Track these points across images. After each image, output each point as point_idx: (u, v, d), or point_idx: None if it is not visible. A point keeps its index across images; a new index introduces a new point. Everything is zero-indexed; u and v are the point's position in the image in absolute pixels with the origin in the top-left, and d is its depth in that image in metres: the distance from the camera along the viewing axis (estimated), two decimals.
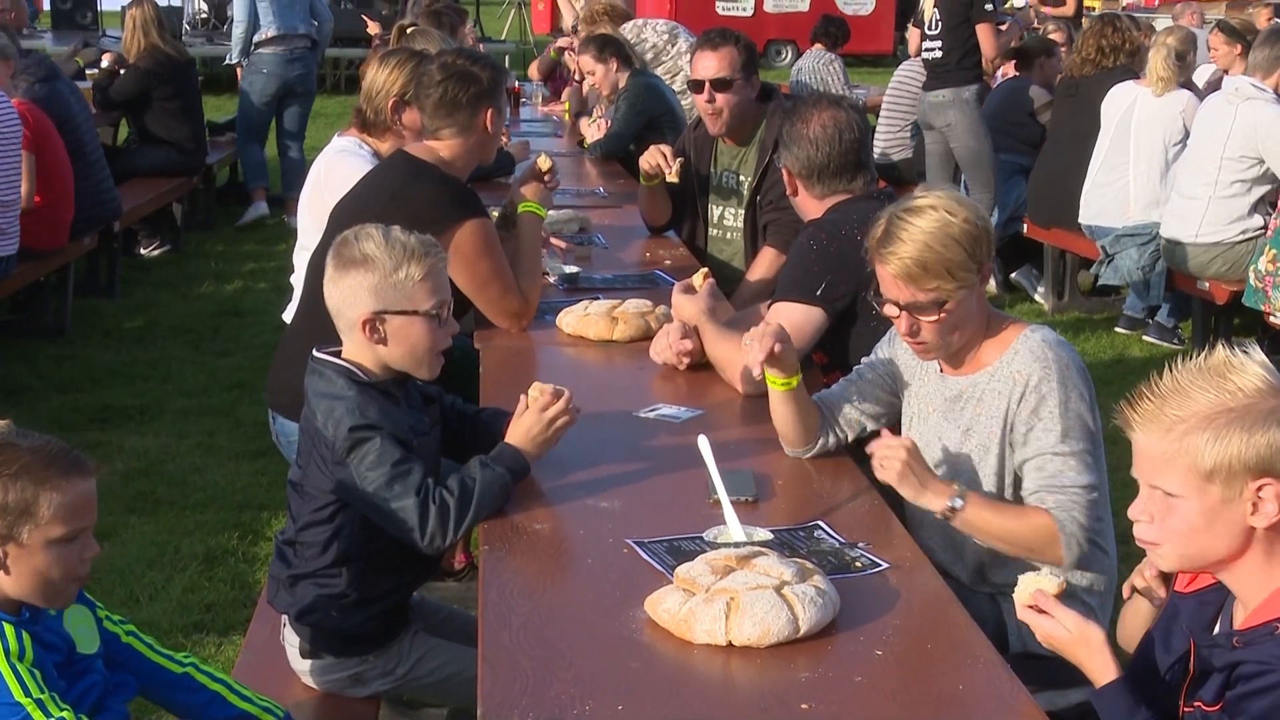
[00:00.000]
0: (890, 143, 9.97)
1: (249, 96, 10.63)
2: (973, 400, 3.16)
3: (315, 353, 3.07)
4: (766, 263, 4.90)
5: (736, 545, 2.76)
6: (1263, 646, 2.10)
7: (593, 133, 7.68)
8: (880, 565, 2.75)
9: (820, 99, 4.25)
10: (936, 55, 8.87)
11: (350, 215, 3.85)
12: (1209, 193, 6.97)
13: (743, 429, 3.57)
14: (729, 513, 2.88)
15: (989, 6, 8.85)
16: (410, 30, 6.64)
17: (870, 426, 3.41)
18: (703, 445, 3.03)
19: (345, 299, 3.02)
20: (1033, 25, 11.52)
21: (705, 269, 4.22)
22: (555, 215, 5.34)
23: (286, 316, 4.79)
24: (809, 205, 4.10)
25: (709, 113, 5.20)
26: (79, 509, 2.46)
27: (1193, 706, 2.20)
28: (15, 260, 6.80)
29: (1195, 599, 2.31)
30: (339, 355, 3.05)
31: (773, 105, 5.22)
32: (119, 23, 15.00)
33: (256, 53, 10.51)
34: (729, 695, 2.34)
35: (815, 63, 10.89)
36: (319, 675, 3.17)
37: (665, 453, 3.32)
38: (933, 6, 8.88)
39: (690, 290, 4.03)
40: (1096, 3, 19.20)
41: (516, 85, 10.29)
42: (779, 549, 2.74)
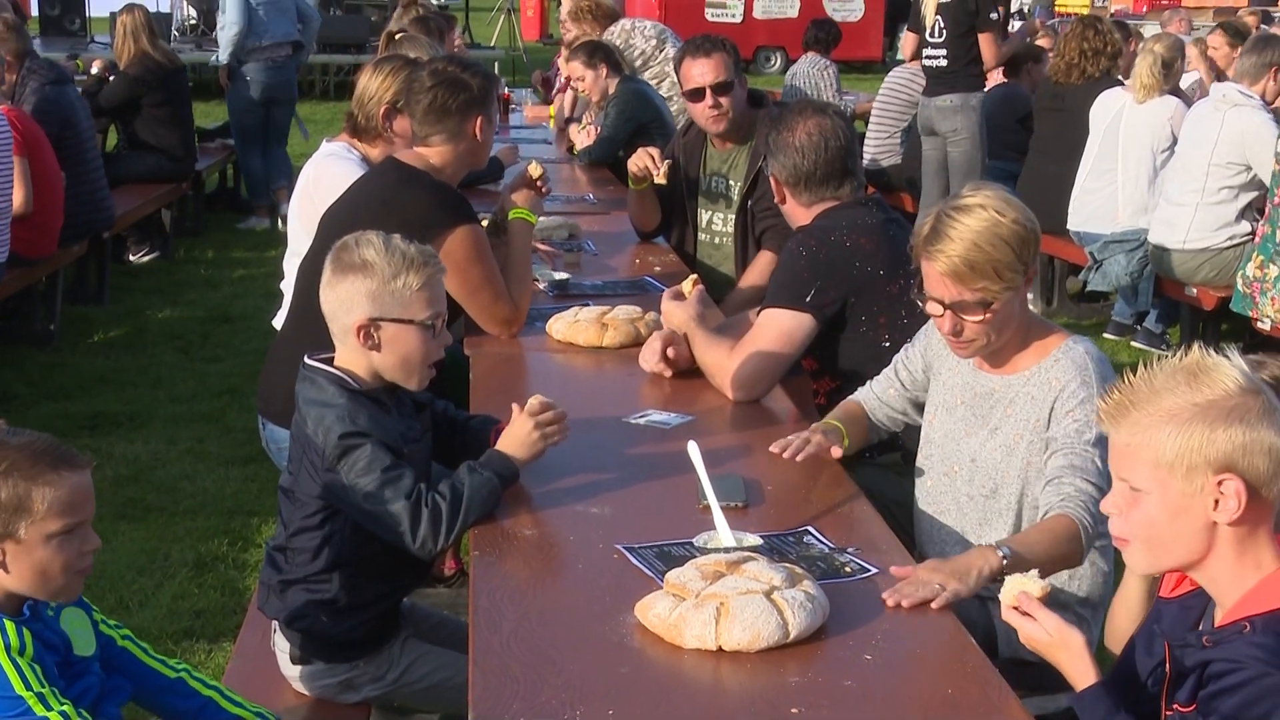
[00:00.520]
0: (880, 148, 9.97)
1: (240, 107, 10.66)
2: (1004, 401, 3.16)
3: (307, 359, 3.08)
4: (763, 266, 4.90)
5: (726, 550, 2.76)
6: (1232, 645, 2.11)
7: (582, 139, 7.68)
8: (869, 570, 2.76)
9: (806, 106, 4.25)
10: (941, 63, 8.89)
11: (341, 221, 3.85)
12: (1196, 199, 7.00)
13: (732, 435, 3.58)
14: (719, 518, 2.88)
15: (994, 15, 8.91)
16: (399, 37, 6.65)
17: (911, 421, 3.49)
18: (692, 451, 3.04)
19: (342, 303, 3.03)
20: (1038, 33, 11.51)
21: (694, 276, 4.25)
22: (545, 222, 5.35)
23: (277, 323, 4.79)
24: (797, 213, 4.11)
25: (714, 116, 5.19)
26: (74, 502, 2.47)
27: (1172, 710, 2.21)
28: (4, 268, 6.79)
29: (1178, 604, 2.33)
30: (330, 362, 3.06)
31: (763, 112, 5.23)
32: (107, 29, 15.00)
33: (244, 63, 10.52)
34: (719, 700, 2.35)
35: (810, 68, 10.90)
36: (310, 681, 3.17)
37: (655, 458, 3.32)
38: (934, 14, 8.89)
39: (679, 297, 4.05)
40: (1084, 8, 19.26)
41: (507, 92, 10.31)
42: (769, 554, 2.75)
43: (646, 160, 5.28)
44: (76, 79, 10.30)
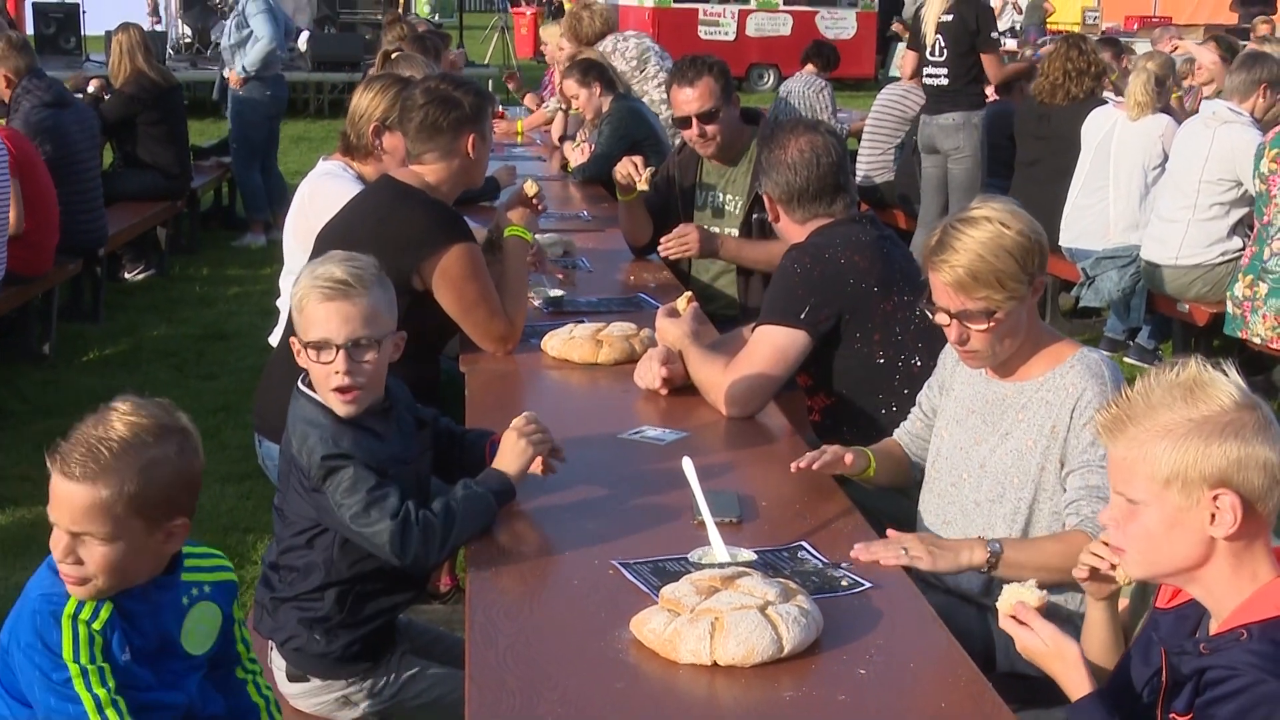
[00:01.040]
0: (873, 165, 10.00)
1: (251, 120, 10.70)
2: (1016, 407, 3.19)
3: (299, 385, 3.09)
4: None
5: (721, 566, 2.78)
6: (1229, 652, 2.12)
7: (576, 157, 7.71)
8: (863, 585, 2.77)
9: (797, 124, 4.29)
10: (942, 81, 8.92)
11: (336, 239, 3.87)
12: (1188, 215, 7.03)
13: (727, 451, 3.60)
14: (713, 534, 2.90)
15: (994, 35, 8.96)
16: (395, 56, 6.68)
17: None
18: (687, 467, 3.05)
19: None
20: (1035, 57, 11.56)
21: (689, 293, 4.26)
22: (540, 239, 5.37)
23: (273, 340, 4.80)
24: (791, 230, 4.13)
25: (700, 144, 5.27)
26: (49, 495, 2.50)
27: (1168, 718, 2.22)
28: (0, 285, 6.80)
29: (1174, 614, 2.34)
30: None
31: (759, 128, 5.27)
32: (101, 47, 15.02)
33: (253, 80, 10.58)
34: (714, 714, 2.36)
35: (805, 88, 10.90)
36: (307, 698, 3.18)
37: (650, 474, 3.34)
38: (935, 33, 8.92)
39: (674, 314, 4.07)
40: (1075, 25, 19.33)
41: (501, 110, 10.33)
42: (763, 569, 2.77)
43: (630, 168, 5.33)
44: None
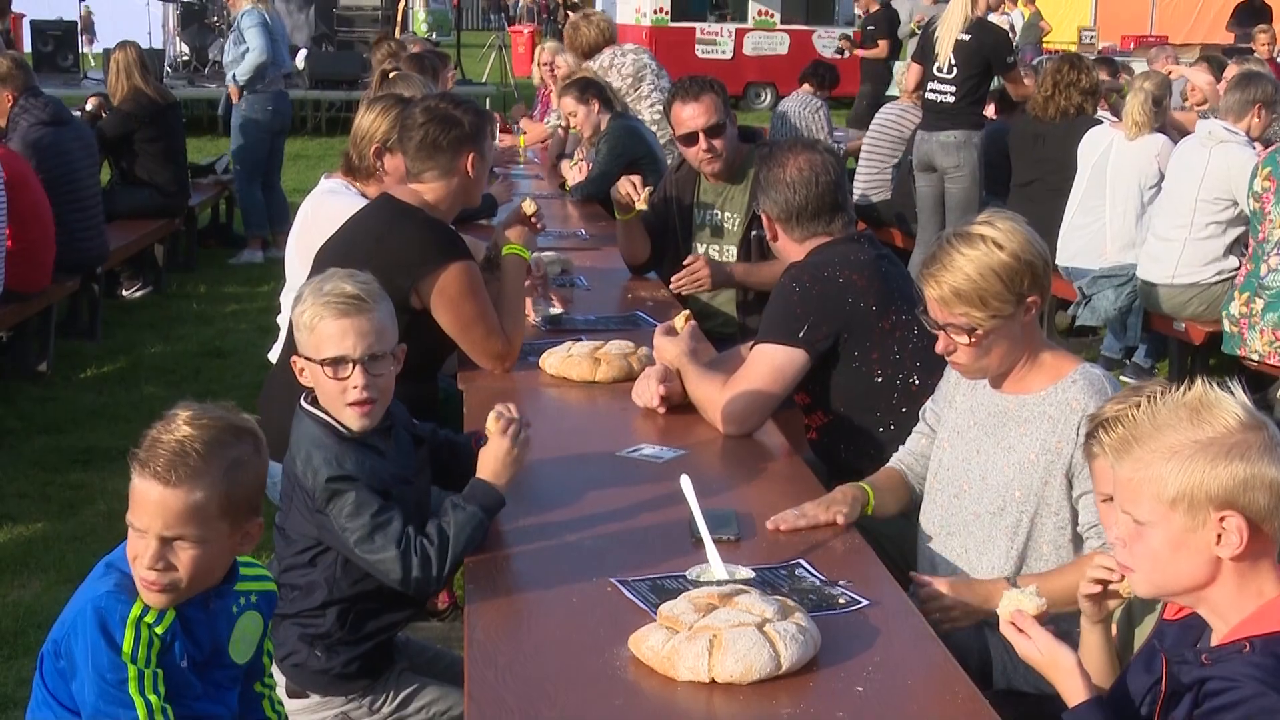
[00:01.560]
0: (870, 184, 10.01)
1: (253, 135, 10.72)
2: (1018, 420, 3.20)
3: (301, 402, 3.09)
4: None
5: (719, 583, 2.78)
6: (1231, 663, 2.12)
7: (574, 175, 7.72)
8: (861, 603, 2.78)
9: (795, 143, 4.30)
10: (947, 99, 8.93)
11: (335, 257, 3.88)
12: (1184, 234, 7.05)
13: (725, 469, 3.60)
14: (711, 551, 2.90)
15: (1010, 60, 9.01)
16: (393, 75, 6.69)
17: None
18: (685, 485, 3.05)
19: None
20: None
21: (686, 311, 4.27)
22: (538, 257, 5.37)
23: (272, 356, 4.80)
24: (790, 249, 4.14)
25: (707, 159, 5.27)
26: (133, 501, 2.50)
27: None
28: None
29: (1179, 625, 2.34)
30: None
31: (757, 147, 5.28)
32: (98, 65, 15.05)
33: (253, 94, 10.60)
34: None
35: (801, 107, 10.92)
36: (306, 715, 3.18)
37: (648, 492, 3.34)
38: (950, 51, 8.92)
39: (672, 332, 4.08)
40: (1071, 45, 19.36)
41: (508, 124, 10.34)
42: (761, 587, 2.77)
43: (628, 187, 5.34)
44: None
